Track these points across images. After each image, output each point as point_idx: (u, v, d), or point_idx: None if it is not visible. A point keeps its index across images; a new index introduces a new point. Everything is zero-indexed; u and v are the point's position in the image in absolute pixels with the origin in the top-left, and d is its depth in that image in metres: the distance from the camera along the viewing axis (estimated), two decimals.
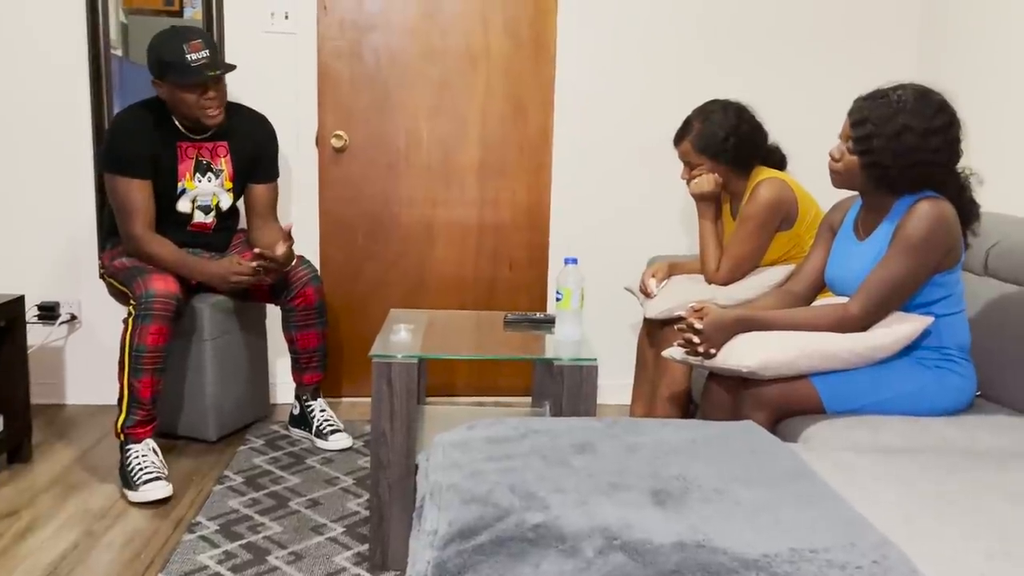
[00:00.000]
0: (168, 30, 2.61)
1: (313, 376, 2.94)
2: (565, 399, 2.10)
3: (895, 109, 1.88)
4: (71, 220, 3.19)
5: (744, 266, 2.62)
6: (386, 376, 2.06)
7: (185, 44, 2.54)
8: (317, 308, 2.85)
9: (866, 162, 1.91)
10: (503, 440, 1.55)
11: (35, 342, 3.23)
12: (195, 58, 2.55)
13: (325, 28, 3.22)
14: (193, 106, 2.61)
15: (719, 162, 2.61)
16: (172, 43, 2.55)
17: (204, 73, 2.55)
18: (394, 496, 2.10)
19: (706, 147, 2.61)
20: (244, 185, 2.86)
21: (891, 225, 1.96)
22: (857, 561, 1.10)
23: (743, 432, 1.63)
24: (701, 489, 1.33)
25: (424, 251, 3.40)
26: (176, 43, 2.55)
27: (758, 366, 1.89)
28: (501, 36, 3.29)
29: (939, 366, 1.98)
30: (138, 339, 2.48)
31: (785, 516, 1.24)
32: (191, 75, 2.55)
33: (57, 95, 3.12)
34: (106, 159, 2.68)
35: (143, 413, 2.51)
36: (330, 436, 2.86)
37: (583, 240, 3.38)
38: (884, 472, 1.52)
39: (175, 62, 2.54)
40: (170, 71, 2.56)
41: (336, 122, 3.29)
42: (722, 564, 1.08)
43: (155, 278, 2.53)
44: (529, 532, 1.16)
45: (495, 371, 3.51)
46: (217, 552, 2.16)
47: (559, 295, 2.27)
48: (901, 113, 1.87)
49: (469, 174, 3.37)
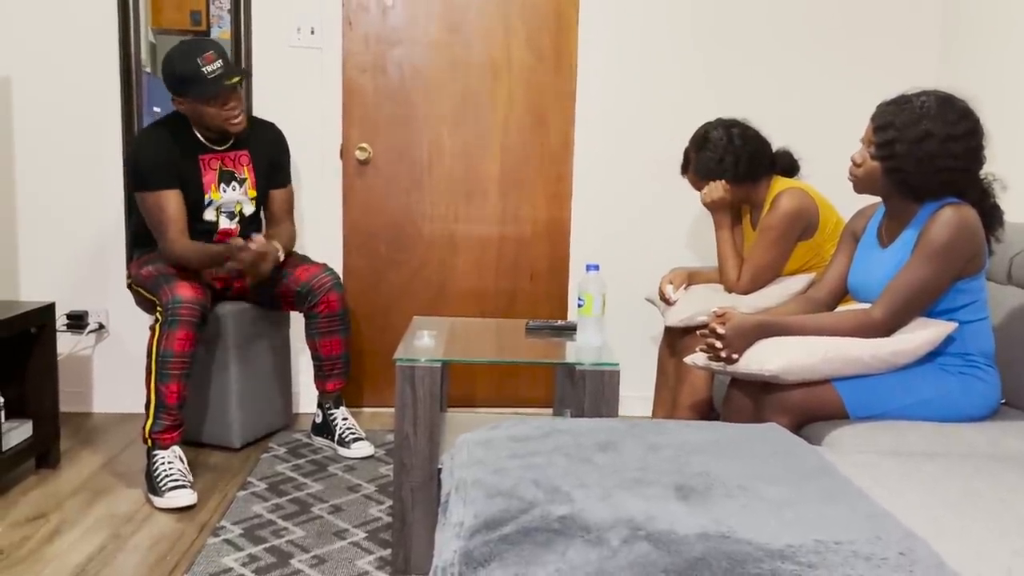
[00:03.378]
0: (180, 45, 2.66)
1: (336, 383, 2.96)
2: (587, 404, 2.10)
3: (918, 115, 1.89)
4: (100, 231, 3.25)
5: (765, 276, 2.62)
6: (410, 380, 2.08)
7: (199, 58, 2.58)
8: (340, 315, 2.88)
9: (888, 167, 1.92)
10: (526, 439, 1.56)
11: (63, 351, 3.28)
12: (211, 70, 2.59)
13: (350, 43, 3.28)
14: (216, 117, 2.66)
15: (727, 181, 2.63)
16: (187, 58, 2.59)
17: (222, 83, 2.60)
18: (417, 500, 2.11)
19: (708, 172, 2.64)
20: (266, 191, 2.91)
21: (914, 232, 1.96)
22: (883, 553, 1.10)
23: (766, 433, 1.63)
24: (725, 485, 1.33)
25: (446, 261, 3.43)
26: (190, 57, 2.59)
27: (781, 370, 1.89)
28: (523, 49, 3.33)
29: (963, 372, 1.98)
30: (165, 345, 2.52)
31: (809, 511, 1.25)
32: (211, 87, 2.60)
33: (88, 110, 3.19)
34: (134, 179, 2.72)
35: (170, 419, 2.54)
36: (352, 444, 2.88)
37: (604, 251, 3.39)
38: (908, 473, 1.51)
39: (193, 76, 2.59)
40: (190, 86, 2.60)
41: (360, 135, 3.33)
42: (747, 554, 1.08)
43: (181, 285, 2.57)
44: (555, 523, 1.17)
45: (515, 381, 3.52)
46: (241, 555, 2.18)
47: (581, 301, 2.28)
48: (924, 119, 1.88)
49: (491, 185, 3.40)
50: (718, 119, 2.69)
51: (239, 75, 2.64)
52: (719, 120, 2.68)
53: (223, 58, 2.63)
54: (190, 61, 2.59)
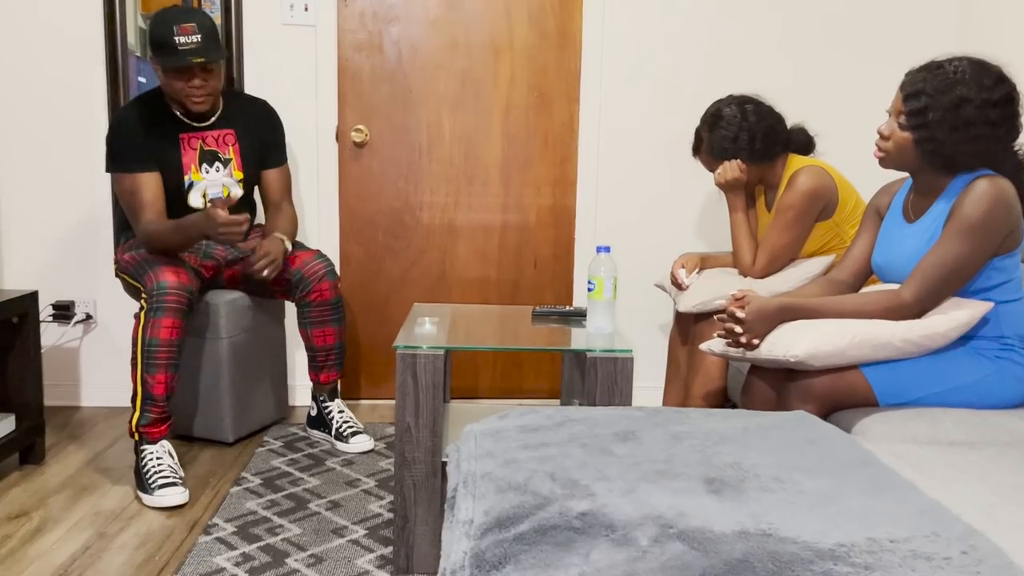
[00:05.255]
0: (165, 9, 2.51)
1: (330, 375, 2.84)
2: (599, 393, 1.98)
3: (952, 80, 1.77)
4: (87, 219, 3.12)
5: (782, 258, 2.50)
6: (411, 369, 1.96)
7: (176, 25, 2.43)
8: (333, 304, 2.74)
9: (920, 137, 1.80)
10: (538, 429, 1.45)
11: (49, 342, 3.16)
12: (183, 41, 2.43)
13: (345, 20, 3.15)
14: (179, 92, 2.52)
15: (742, 160, 2.51)
16: (164, 23, 2.45)
17: (187, 58, 2.44)
18: (419, 496, 1.99)
19: (722, 152, 2.51)
20: (256, 174, 2.77)
21: (946, 205, 1.84)
22: (944, 552, 0.98)
23: (796, 421, 1.51)
24: (759, 478, 1.21)
25: (446, 248, 3.30)
26: (168, 24, 2.44)
27: (806, 355, 1.78)
28: (525, 27, 3.20)
29: (999, 356, 1.86)
30: (151, 333, 2.39)
31: (855, 505, 1.13)
32: (175, 59, 2.44)
33: (75, 94, 3.06)
34: (109, 159, 2.57)
35: (157, 411, 2.42)
36: (351, 438, 2.76)
37: (610, 237, 3.27)
38: (953, 463, 1.40)
39: (162, 43, 2.44)
40: (158, 53, 2.47)
41: (356, 117, 3.21)
42: (794, 554, 0.96)
43: (166, 270, 2.44)
44: (575, 520, 1.06)
45: (519, 371, 3.41)
46: (234, 554, 2.06)
47: (591, 285, 2.16)
48: (959, 84, 1.76)
49: (492, 169, 3.27)
50: (730, 96, 2.56)
51: (210, 58, 2.46)
52: (731, 97, 2.55)
53: (204, 34, 2.46)
54: (166, 27, 2.44)
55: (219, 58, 2.49)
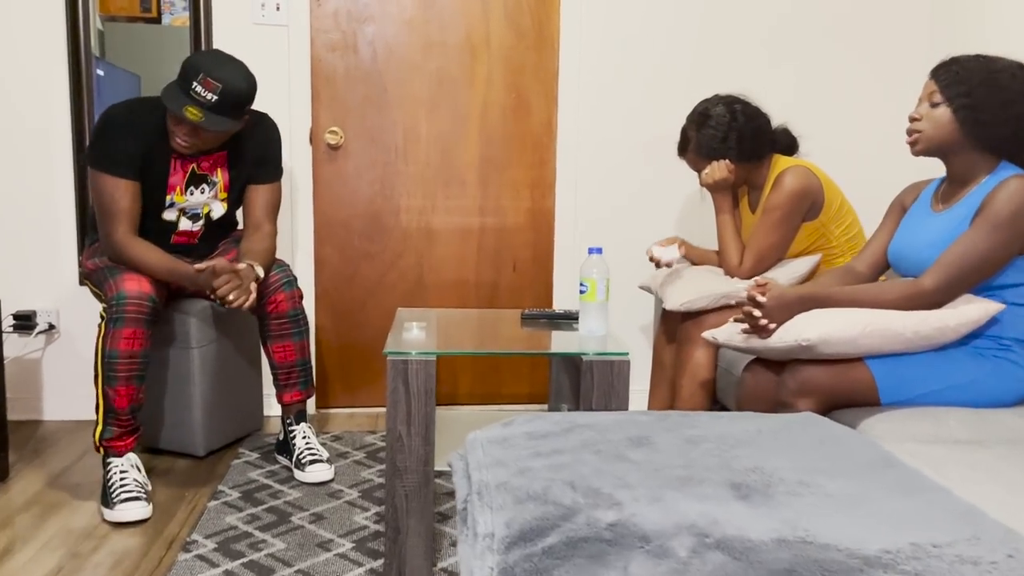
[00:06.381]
0: (212, 52, 2.35)
1: (293, 395, 2.62)
2: (595, 397, 1.94)
3: (984, 60, 1.83)
4: (50, 225, 3.00)
5: (769, 259, 2.49)
6: (402, 375, 1.89)
7: (203, 73, 2.28)
8: (291, 316, 2.56)
9: (958, 106, 1.81)
10: (546, 435, 1.39)
11: (10, 354, 3.03)
12: (199, 91, 2.28)
13: (318, 20, 3.07)
14: (170, 125, 2.39)
15: (729, 160, 2.49)
16: (199, 65, 2.29)
17: (182, 110, 2.27)
18: (411, 506, 1.93)
19: (710, 152, 2.49)
20: (241, 192, 2.61)
21: (978, 197, 1.84)
22: (990, 556, 0.95)
23: (806, 423, 1.48)
24: (784, 482, 1.17)
25: (423, 251, 3.24)
26: (201, 67, 2.29)
27: (819, 339, 1.76)
28: (502, 26, 3.15)
29: (997, 356, 1.85)
30: (110, 344, 2.28)
31: (884, 508, 1.10)
32: (176, 101, 2.29)
33: (35, 97, 2.93)
34: (93, 154, 2.39)
35: (121, 425, 2.31)
36: (308, 467, 2.52)
37: (590, 240, 3.24)
38: (964, 462, 1.38)
39: (185, 78, 2.30)
40: (178, 81, 2.32)
41: (331, 118, 3.13)
42: (839, 562, 0.92)
43: (127, 278, 2.33)
44: (605, 532, 1.01)
45: (498, 377, 3.35)
46: (216, 572, 1.97)
47: (583, 287, 2.12)
48: (991, 62, 1.83)
49: (470, 171, 3.22)
50: (716, 95, 2.54)
51: (202, 126, 2.29)
52: (718, 96, 2.53)
53: (222, 99, 2.29)
54: (196, 69, 2.29)
55: (215, 129, 2.31)
